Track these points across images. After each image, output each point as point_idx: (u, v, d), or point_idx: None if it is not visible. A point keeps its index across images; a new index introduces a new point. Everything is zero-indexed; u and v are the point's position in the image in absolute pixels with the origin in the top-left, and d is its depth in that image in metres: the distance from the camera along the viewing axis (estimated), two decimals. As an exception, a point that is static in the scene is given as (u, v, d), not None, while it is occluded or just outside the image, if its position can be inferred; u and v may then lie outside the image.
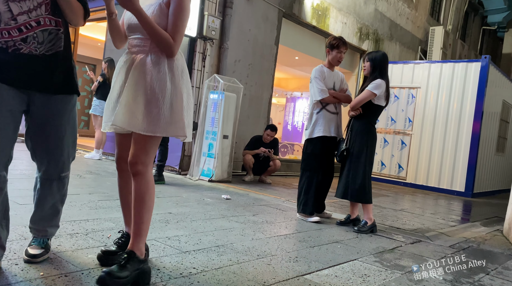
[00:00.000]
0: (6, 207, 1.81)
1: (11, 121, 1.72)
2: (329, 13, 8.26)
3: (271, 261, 2.38)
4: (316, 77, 3.70)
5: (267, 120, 7.23)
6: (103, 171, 5.31)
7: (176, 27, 1.78)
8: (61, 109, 1.82)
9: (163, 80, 1.78)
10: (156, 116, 1.76)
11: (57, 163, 1.87)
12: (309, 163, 3.75)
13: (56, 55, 1.76)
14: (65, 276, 1.78)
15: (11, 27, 1.65)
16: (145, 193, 1.81)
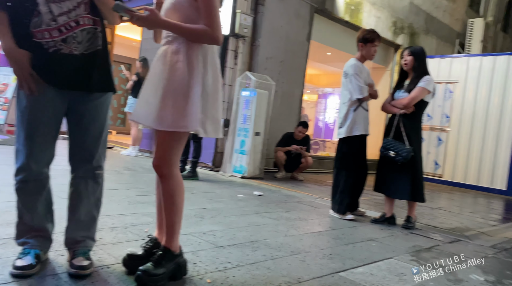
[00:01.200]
0: (50, 201, 1.88)
1: (54, 121, 1.77)
2: (362, 7, 8.10)
3: (305, 257, 2.39)
4: (355, 73, 3.59)
5: (299, 117, 7.20)
6: (140, 167, 5.47)
7: (210, 14, 1.69)
8: (99, 107, 1.84)
9: (179, 70, 1.70)
10: (170, 110, 1.69)
11: (92, 159, 1.86)
12: (345, 162, 3.68)
13: (95, 54, 1.79)
14: (107, 268, 1.86)
15: (51, 28, 1.68)
16: (173, 194, 1.78)
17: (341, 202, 3.65)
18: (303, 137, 6.16)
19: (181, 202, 1.82)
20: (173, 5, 1.74)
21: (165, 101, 1.69)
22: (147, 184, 4.24)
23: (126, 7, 1.59)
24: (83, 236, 1.87)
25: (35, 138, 1.73)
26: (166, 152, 1.76)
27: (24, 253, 1.72)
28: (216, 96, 1.80)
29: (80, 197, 1.86)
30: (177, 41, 1.73)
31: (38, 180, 1.80)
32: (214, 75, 1.79)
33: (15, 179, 1.77)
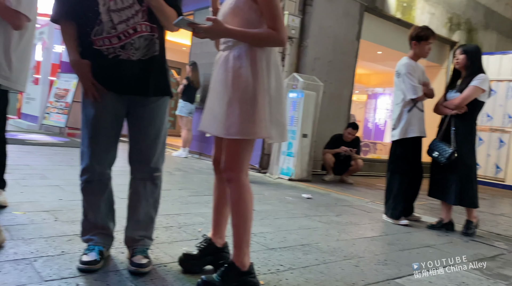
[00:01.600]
0: (112, 201, 1.97)
1: (115, 124, 1.85)
2: (415, 4, 7.79)
3: (359, 262, 2.32)
4: (409, 73, 3.45)
5: (348, 118, 7.05)
6: (190, 168, 5.61)
7: (273, 15, 1.64)
8: (156, 110, 1.88)
9: (244, 76, 1.66)
10: (237, 117, 1.64)
11: (150, 162, 1.89)
12: (400, 165, 3.54)
13: (152, 60, 1.83)
14: (164, 266, 1.91)
15: (111, 35, 1.74)
16: (239, 202, 1.70)
17: (395, 207, 3.52)
18: (352, 139, 6.02)
19: (249, 212, 1.71)
20: (232, 10, 1.71)
21: (231, 109, 1.65)
22: (198, 184, 4.33)
23: (188, 21, 1.58)
24: (141, 235, 1.92)
25: (97, 141, 1.82)
26: (235, 158, 1.70)
27: (89, 249, 1.82)
28: (279, 100, 1.74)
29: (139, 198, 1.91)
30: (238, 46, 1.70)
31: (101, 180, 1.89)
32: (276, 78, 1.74)
33: (80, 179, 1.87)
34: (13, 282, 1.56)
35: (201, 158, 7.07)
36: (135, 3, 1.75)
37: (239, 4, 1.69)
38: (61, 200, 2.91)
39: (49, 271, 1.70)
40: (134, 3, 1.75)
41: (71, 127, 8.63)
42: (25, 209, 2.57)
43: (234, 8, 1.70)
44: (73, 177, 3.97)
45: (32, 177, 3.62)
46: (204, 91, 7.13)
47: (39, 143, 6.34)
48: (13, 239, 2.02)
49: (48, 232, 2.18)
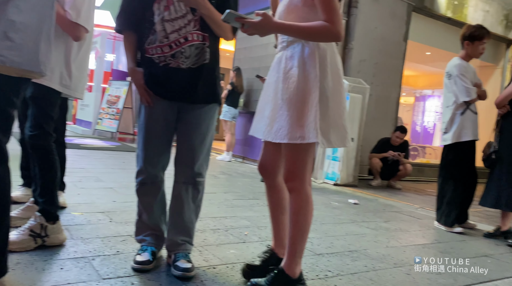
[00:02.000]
0: (164, 203, 2.03)
1: (166, 129, 1.90)
2: (468, 2, 7.44)
3: (410, 271, 2.24)
4: (462, 74, 3.29)
5: (395, 121, 6.84)
6: (234, 172, 5.68)
7: (329, 7, 1.52)
8: (202, 116, 1.90)
9: (293, 77, 1.59)
10: (286, 120, 1.58)
11: (193, 166, 1.90)
12: (452, 170, 3.39)
13: (201, 68, 1.85)
14: (213, 268, 1.95)
15: (163, 44, 1.80)
16: (299, 213, 1.63)
17: (448, 214, 3.36)
18: (400, 143, 5.83)
19: (306, 223, 1.65)
20: (286, 7, 1.65)
21: (280, 112, 1.60)
22: (242, 188, 4.37)
23: (236, 15, 1.51)
24: (183, 240, 1.92)
25: (150, 145, 1.89)
26: (295, 166, 1.63)
27: (142, 250, 1.89)
28: (338, 100, 1.62)
29: (181, 203, 1.92)
30: (291, 45, 1.64)
31: (153, 183, 1.95)
32: (334, 77, 1.62)
33: (135, 181, 1.95)
34: (74, 279, 1.65)
35: (244, 162, 7.14)
36: (188, 12, 1.79)
37: (294, 1, 1.62)
38: (114, 202, 3.05)
39: (106, 269, 1.78)
40: (188, 13, 1.79)
41: (122, 132, 9.04)
42: (82, 210, 2.72)
43: (289, 4, 1.64)
44: (125, 179, 4.16)
45: (88, 180, 3.82)
46: (247, 96, 7.21)
47: (93, 147, 6.69)
48: (73, 238, 2.14)
49: (103, 232, 2.30)
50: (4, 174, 1.32)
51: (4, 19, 1.21)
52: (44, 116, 2.08)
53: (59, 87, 2.16)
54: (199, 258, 2.05)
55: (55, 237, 1.99)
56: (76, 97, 2.35)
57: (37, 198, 2.05)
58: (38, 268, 1.73)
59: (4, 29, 1.21)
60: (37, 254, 1.87)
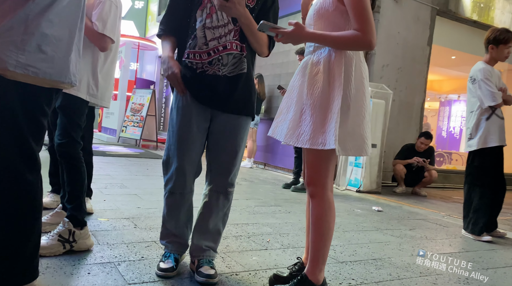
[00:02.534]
0: (191, 213, 1.99)
1: (199, 136, 1.86)
2: (494, 4, 7.26)
3: (437, 280, 2.18)
4: (487, 78, 3.22)
5: (420, 127, 6.71)
6: (255, 178, 5.69)
7: (361, 16, 1.53)
8: (237, 129, 1.88)
9: (318, 82, 1.60)
10: (308, 126, 1.59)
11: (227, 177, 1.90)
12: (479, 177, 3.30)
13: (238, 77, 1.83)
14: (236, 275, 1.95)
15: (203, 51, 1.79)
16: (320, 218, 1.65)
17: (476, 222, 3.26)
18: (425, 149, 5.71)
19: (329, 229, 1.66)
20: (317, 12, 1.65)
21: (303, 116, 1.61)
22: (264, 195, 4.37)
23: (270, 25, 1.57)
24: (207, 246, 1.92)
25: (183, 151, 1.84)
26: (316, 171, 1.65)
27: (166, 256, 1.90)
28: (359, 109, 1.61)
29: (210, 209, 1.92)
30: (318, 51, 1.65)
31: (182, 194, 1.90)
32: (358, 85, 1.61)
33: (164, 189, 1.92)
34: (101, 283, 1.69)
35: (266, 168, 7.14)
36: (229, 22, 1.80)
37: (325, 6, 1.63)
38: (139, 208, 3.11)
39: (132, 275, 1.82)
40: (229, 22, 1.80)
41: (145, 139, 9.21)
42: (108, 216, 2.78)
43: (319, 9, 1.64)
44: (149, 186, 4.24)
45: (113, 186, 3.90)
46: (269, 102, 7.23)
47: (117, 154, 6.84)
48: (99, 243, 2.19)
49: (128, 238, 2.34)
50: (37, 181, 1.37)
51: (38, 32, 1.26)
52: (72, 125, 2.15)
53: (86, 97, 2.23)
54: (222, 265, 2.06)
55: (83, 242, 2.05)
56: (102, 106, 2.42)
57: (65, 204, 2.12)
58: (67, 272, 1.77)
59: (38, 43, 1.26)
60: (65, 258, 1.93)
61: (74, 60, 1.42)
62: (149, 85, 10.73)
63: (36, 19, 1.27)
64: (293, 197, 4.42)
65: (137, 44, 10.94)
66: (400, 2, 6.19)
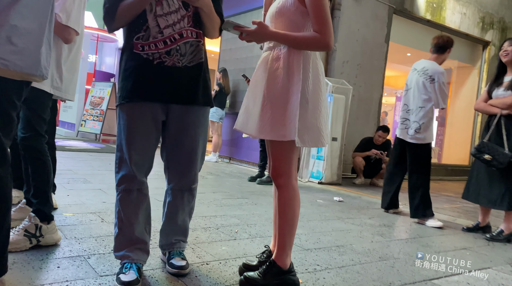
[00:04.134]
0: (149, 213, 1.88)
1: (154, 131, 1.77)
2: (445, 4, 7.67)
3: (395, 263, 2.35)
4: (445, 83, 3.51)
5: (378, 121, 7.00)
6: (221, 172, 5.73)
7: (321, 19, 1.63)
8: (196, 120, 1.81)
9: (279, 77, 1.68)
10: (270, 118, 1.67)
11: (190, 173, 1.85)
12: (423, 166, 3.64)
13: (197, 67, 1.78)
14: (207, 264, 2.01)
15: (158, 39, 1.70)
16: (285, 206, 1.74)
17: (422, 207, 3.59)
18: (383, 142, 5.98)
19: (294, 216, 1.75)
20: (278, 10, 1.72)
21: (265, 110, 1.69)
22: (230, 188, 4.44)
23: (235, 24, 1.63)
24: (177, 239, 1.92)
25: (137, 148, 1.74)
26: (281, 162, 1.74)
27: (127, 267, 1.70)
28: (316, 104, 1.71)
29: (176, 208, 1.89)
30: (277, 47, 1.72)
31: (140, 190, 1.79)
32: (315, 81, 1.71)
33: (118, 189, 1.78)
34: (72, 276, 1.69)
35: (231, 162, 7.20)
36: (180, 7, 1.73)
37: (287, 5, 1.70)
38: (104, 202, 3.07)
39: (103, 267, 1.82)
40: (180, 7, 1.73)
41: (105, 133, 8.98)
42: (73, 211, 2.74)
43: (281, 8, 1.71)
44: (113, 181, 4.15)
45: (76, 181, 3.82)
46: (233, 97, 7.27)
47: (78, 149, 6.64)
48: (67, 238, 2.17)
49: (96, 232, 2.33)
50: (6, 175, 1.35)
51: (8, 24, 1.25)
52: (36, 119, 2.10)
53: (50, 89, 2.19)
54: (193, 255, 2.11)
55: (50, 237, 2.02)
56: (67, 99, 2.37)
57: (31, 199, 2.08)
58: (35, 267, 1.76)
59: (8, 34, 1.25)
60: (32, 253, 1.90)
61: (45, 53, 1.40)
62: (109, 78, 10.44)
63: (5, 11, 1.25)
64: (259, 190, 4.52)
65: (96, 35, 10.59)
66: (359, 1, 6.40)
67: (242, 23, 1.68)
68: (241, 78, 6.38)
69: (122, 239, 1.77)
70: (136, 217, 1.78)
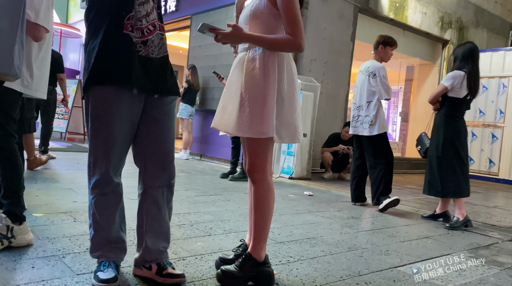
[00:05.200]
0: (123, 211, 1.84)
1: (131, 130, 1.73)
2: (407, 4, 7.97)
3: (363, 253, 2.47)
4: (385, 76, 3.84)
5: (345, 117, 7.21)
6: (193, 169, 5.74)
7: (293, 21, 1.71)
8: (170, 111, 1.79)
9: (255, 77, 1.74)
10: (248, 117, 1.73)
11: (169, 167, 1.79)
12: (379, 157, 3.91)
13: (165, 59, 1.77)
14: (183, 260, 2.05)
15: (137, 27, 1.66)
16: (262, 200, 1.81)
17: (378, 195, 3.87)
18: (350, 138, 6.17)
19: (269, 210, 1.82)
20: (252, 13, 1.79)
21: (242, 108, 1.75)
22: (203, 185, 4.47)
23: (210, 26, 1.67)
24: (164, 246, 1.82)
25: (114, 150, 1.68)
26: (257, 158, 1.80)
27: (105, 265, 1.70)
28: (291, 102, 1.79)
29: (159, 208, 1.78)
30: (253, 48, 1.79)
31: (115, 192, 1.74)
32: (289, 80, 1.80)
33: (92, 192, 1.71)
34: (48, 276, 1.69)
35: (202, 159, 7.20)
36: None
37: (260, 8, 1.77)
38: (75, 202, 3.04)
39: (79, 266, 1.83)
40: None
41: (71, 132, 8.73)
42: (44, 211, 2.70)
43: (255, 11, 1.78)
44: (83, 180, 4.11)
45: (43, 181, 3.73)
46: (203, 94, 7.26)
47: (42, 148, 6.43)
48: (39, 238, 2.15)
49: (70, 232, 2.31)
50: None
51: (-20, 24, 1.24)
52: (5, 118, 2.06)
53: (20, 88, 2.15)
54: (169, 252, 2.12)
55: (22, 238, 2.00)
56: (38, 97, 2.33)
57: (1, 200, 2.04)
58: (9, 268, 1.74)
59: (-19, 35, 1.24)
60: (4, 255, 1.87)
61: (18, 53, 1.40)
62: (74, 75, 10.14)
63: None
64: (231, 186, 4.57)
65: (59, 31, 10.25)
66: (326, 0, 6.55)
67: (216, 19, 1.72)
68: (211, 75, 6.38)
69: (98, 240, 1.74)
70: (113, 218, 1.74)
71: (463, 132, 3.56)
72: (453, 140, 3.50)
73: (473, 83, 3.47)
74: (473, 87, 3.48)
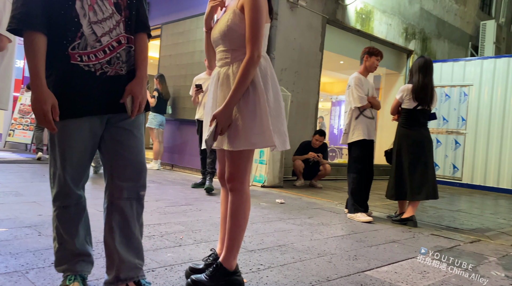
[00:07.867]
0: (88, 224, 1.79)
1: (93, 144, 1.67)
2: (373, 15, 8.25)
3: (332, 259, 2.52)
4: (356, 84, 3.94)
5: (315, 125, 7.34)
6: (164, 180, 5.68)
7: (250, 34, 1.75)
8: (137, 124, 1.73)
9: (245, 91, 1.77)
10: (242, 130, 1.74)
11: (140, 178, 1.70)
12: (354, 165, 3.98)
13: (133, 72, 1.68)
14: (152, 271, 2.03)
15: (97, 49, 1.58)
16: (237, 210, 1.82)
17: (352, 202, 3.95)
18: (320, 145, 6.29)
19: (244, 220, 1.84)
20: (229, 27, 1.81)
21: (235, 123, 1.76)
22: (173, 195, 4.43)
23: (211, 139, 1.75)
24: (140, 263, 1.72)
25: (73, 164, 1.63)
26: (238, 169, 1.82)
27: (71, 279, 1.66)
28: (279, 110, 1.84)
29: (127, 221, 1.67)
30: (236, 61, 1.82)
31: (78, 204, 1.70)
32: (274, 90, 1.85)
33: (54, 205, 1.67)
34: (10, 292, 1.64)
35: (174, 170, 7.14)
36: (114, 12, 1.62)
37: (236, 21, 1.79)
38: (40, 215, 2.95)
39: (43, 281, 1.78)
40: (114, 12, 1.62)
41: (37, 143, 8.45)
42: (6, 226, 2.61)
43: (231, 25, 1.80)
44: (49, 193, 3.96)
45: (6, 195, 3.60)
46: (174, 103, 7.22)
47: (6, 161, 6.21)
48: (1, 254, 2.07)
49: (34, 246, 2.24)
50: None
51: None
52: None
53: (-20, 99, 2.09)
54: (137, 263, 2.11)
55: (-18, 254, 1.92)
56: (0, 108, 2.27)
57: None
58: (-32, 286, 1.68)
59: None
60: (-37, 272, 1.80)
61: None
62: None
63: None
64: (203, 196, 4.55)
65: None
66: (295, 11, 6.70)
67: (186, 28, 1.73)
68: (182, 84, 6.37)
69: (63, 254, 1.69)
70: (76, 231, 1.69)
71: (417, 140, 3.82)
72: (408, 148, 3.82)
73: (422, 94, 3.73)
74: (424, 97, 3.72)
